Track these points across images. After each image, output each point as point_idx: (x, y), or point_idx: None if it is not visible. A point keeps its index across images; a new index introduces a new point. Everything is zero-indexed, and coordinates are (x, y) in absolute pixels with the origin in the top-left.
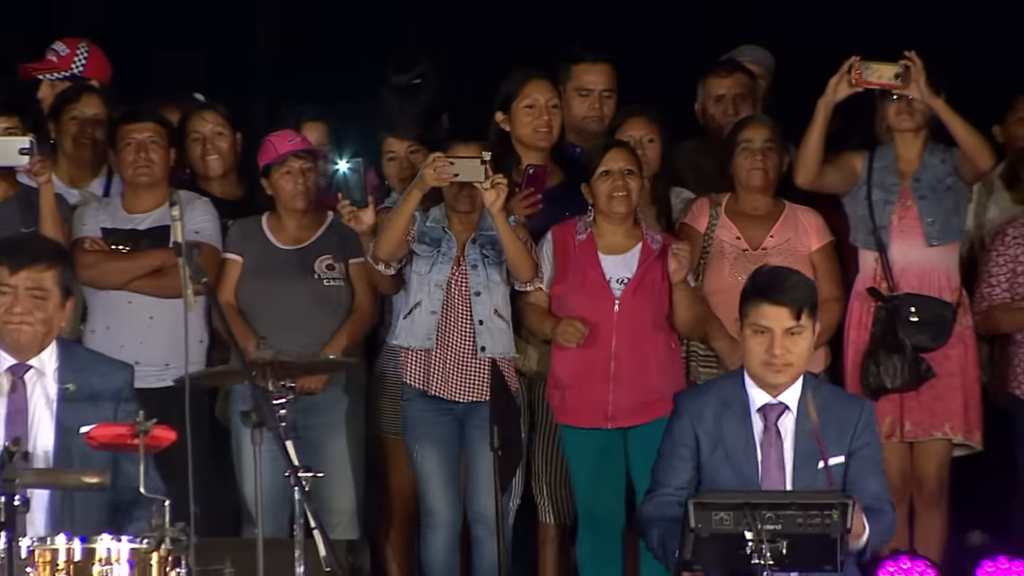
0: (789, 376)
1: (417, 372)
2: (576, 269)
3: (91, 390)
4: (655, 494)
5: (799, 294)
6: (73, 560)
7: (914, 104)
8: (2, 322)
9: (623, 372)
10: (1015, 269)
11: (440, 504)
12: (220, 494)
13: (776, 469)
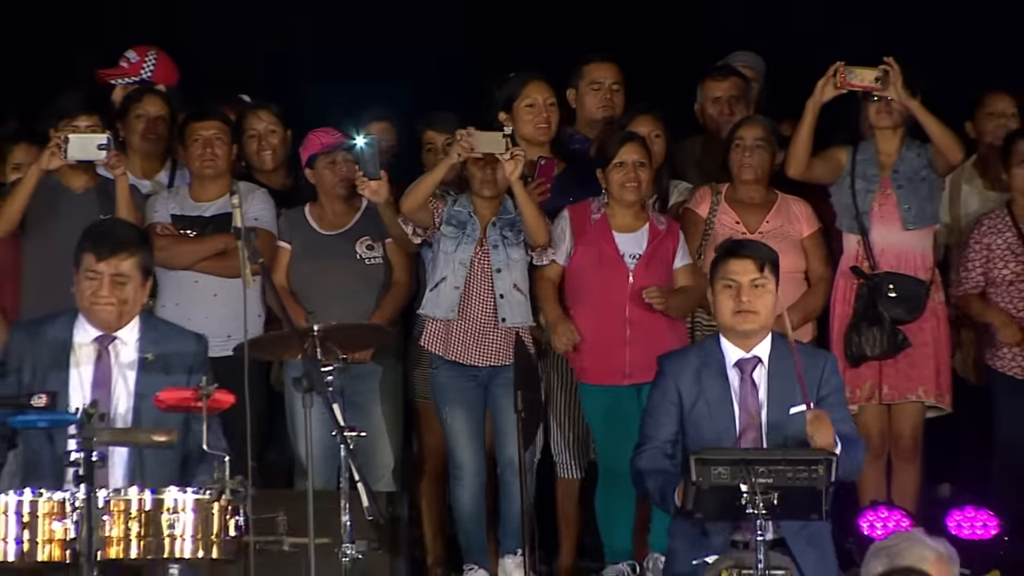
0: (756, 324)
1: (437, 340)
2: (592, 244)
3: (167, 359)
4: (645, 448)
5: (760, 251)
6: (144, 509)
7: (892, 104)
8: (89, 302)
9: (637, 335)
10: (989, 256)
11: (467, 459)
12: (274, 451)
13: (752, 417)
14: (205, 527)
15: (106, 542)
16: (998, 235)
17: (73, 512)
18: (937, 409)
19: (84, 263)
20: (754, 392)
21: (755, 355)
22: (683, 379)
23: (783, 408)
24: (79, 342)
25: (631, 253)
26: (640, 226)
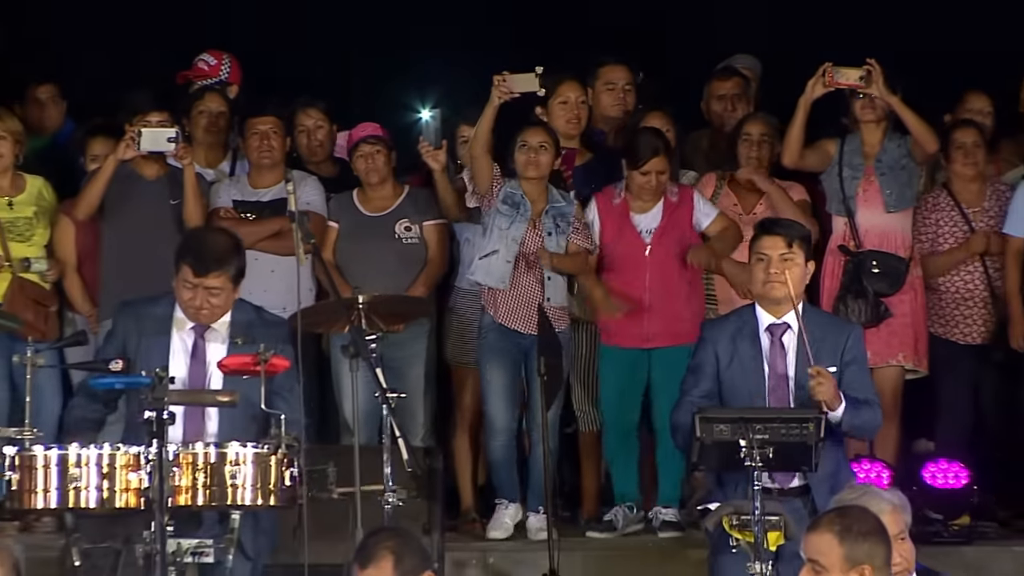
0: (784, 292)
1: (492, 304)
2: (615, 224)
3: (254, 342)
4: (682, 401)
5: (791, 229)
6: (209, 462)
7: (875, 101)
8: (186, 305)
9: (655, 302)
10: (936, 232)
11: (500, 414)
12: (324, 411)
13: (781, 375)
14: (263, 477)
15: (176, 491)
16: (941, 212)
17: (147, 464)
18: (915, 372)
19: (182, 273)
20: (782, 354)
21: (785, 321)
22: (720, 343)
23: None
24: (178, 320)
25: (647, 228)
26: (656, 204)
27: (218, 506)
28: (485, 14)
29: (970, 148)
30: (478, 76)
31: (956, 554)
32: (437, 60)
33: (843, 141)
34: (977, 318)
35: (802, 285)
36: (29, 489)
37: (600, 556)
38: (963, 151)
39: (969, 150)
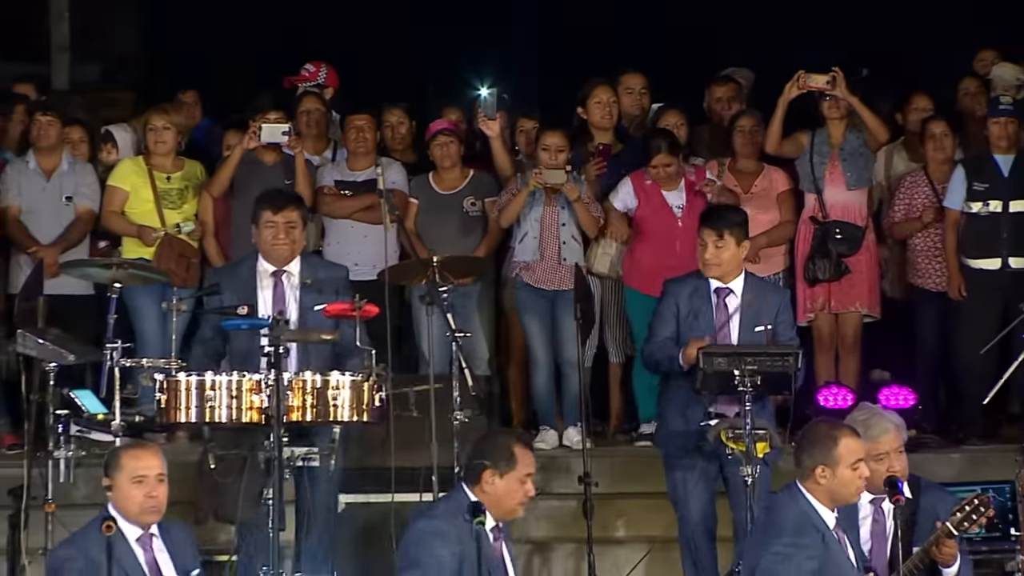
0: (717, 272)
1: (523, 269)
2: (649, 201)
3: (320, 283)
4: (653, 339)
5: (722, 222)
6: (315, 387)
7: (839, 101)
8: (270, 245)
9: (682, 263)
10: (910, 204)
11: (540, 354)
12: (406, 347)
13: (725, 328)
14: (358, 399)
15: (289, 409)
16: (917, 189)
17: (266, 388)
18: (871, 317)
19: (263, 217)
20: (725, 312)
21: (729, 287)
22: (681, 297)
23: (750, 324)
24: (262, 272)
25: (676, 204)
26: (678, 184)
27: (322, 422)
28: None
29: (939, 137)
30: (531, 67)
31: None
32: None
33: (813, 134)
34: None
35: (735, 262)
36: (174, 407)
37: (623, 461)
38: (934, 140)
39: (939, 139)
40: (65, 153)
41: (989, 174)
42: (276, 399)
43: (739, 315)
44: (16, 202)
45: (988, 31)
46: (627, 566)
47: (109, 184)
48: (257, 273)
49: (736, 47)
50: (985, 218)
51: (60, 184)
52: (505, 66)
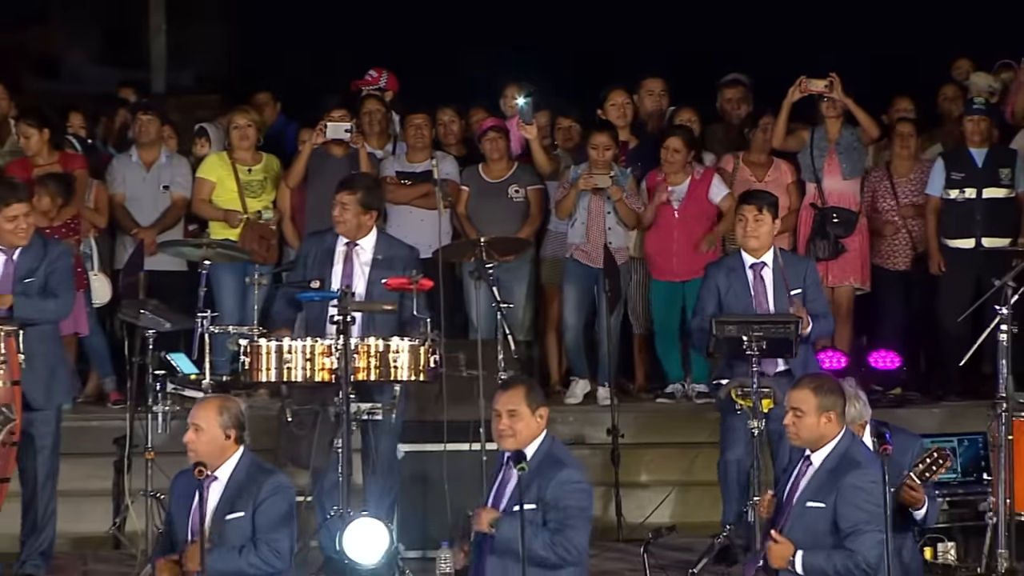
0: (756, 245)
1: (573, 248)
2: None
3: (391, 260)
4: (697, 316)
5: (763, 200)
6: (378, 350)
7: (836, 102)
8: (337, 222)
9: (680, 249)
10: (875, 194)
11: (572, 318)
12: (457, 315)
13: (763, 298)
14: (415, 361)
15: (355, 370)
16: (879, 182)
17: (335, 352)
18: (861, 290)
19: (334, 198)
20: (762, 284)
21: (762, 261)
22: (720, 277)
23: (781, 290)
24: (339, 246)
25: (678, 197)
26: (685, 179)
27: (384, 381)
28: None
29: (906, 136)
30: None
31: (891, 414)
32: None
33: (813, 130)
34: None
35: (770, 237)
36: (256, 368)
37: (646, 416)
38: (901, 138)
39: (905, 138)
40: (163, 147)
41: (965, 165)
42: (344, 361)
43: (773, 284)
44: (120, 190)
45: (965, 41)
46: (650, 507)
47: (198, 176)
48: (335, 246)
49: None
50: (961, 203)
51: (158, 175)
52: (547, 72)
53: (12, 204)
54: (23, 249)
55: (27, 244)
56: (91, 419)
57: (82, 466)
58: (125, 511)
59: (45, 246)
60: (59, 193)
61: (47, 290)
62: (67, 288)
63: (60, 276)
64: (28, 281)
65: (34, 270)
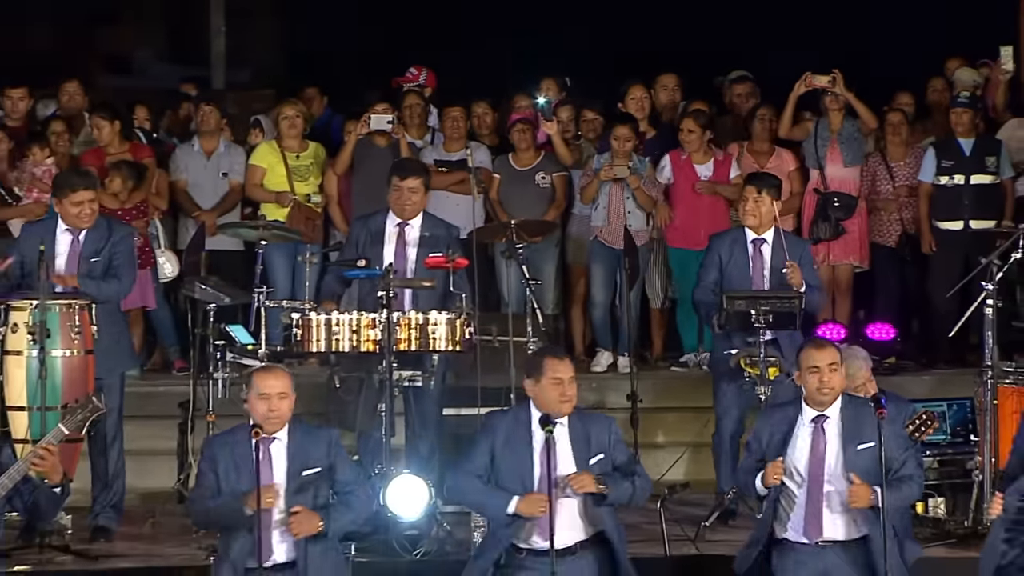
0: (754, 223)
1: (596, 230)
2: (682, 171)
3: (436, 238)
4: (700, 286)
5: (763, 182)
6: (418, 323)
7: (838, 96)
8: (396, 205)
9: (707, 222)
10: (875, 177)
11: (599, 296)
12: (490, 291)
13: (759, 272)
14: (452, 332)
15: (397, 341)
16: (878, 166)
17: (379, 324)
18: (860, 267)
19: (392, 181)
20: (760, 258)
21: (762, 237)
22: (723, 248)
23: (779, 265)
24: (389, 227)
25: (704, 175)
26: (709, 159)
27: (424, 351)
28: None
29: (897, 126)
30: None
31: (887, 382)
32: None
33: (817, 122)
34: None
35: (769, 216)
36: (307, 339)
37: (663, 383)
38: (892, 127)
39: (896, 127)
40: (221, 138)
41: (954, 154)
42: (387, 333)
43: (771, 260)
44: (183, 177)
45: (954, 40)
46: (666, 465)
47: (250, 163)
48: (385, 226)
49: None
50: (951, 189)
51: (218, 163)
52: (573, 68)
53: (79, 191)
54: (89, 231)
55: (92, 226)
56: (158, 385)
57: (149, 428)
58: (188, 468)
59: (110, 228)
60: (130, 178)
61: (110, 270)
62: (128, 269)
63: (123, 257)
64: (93, 260)
65: (99, 250)
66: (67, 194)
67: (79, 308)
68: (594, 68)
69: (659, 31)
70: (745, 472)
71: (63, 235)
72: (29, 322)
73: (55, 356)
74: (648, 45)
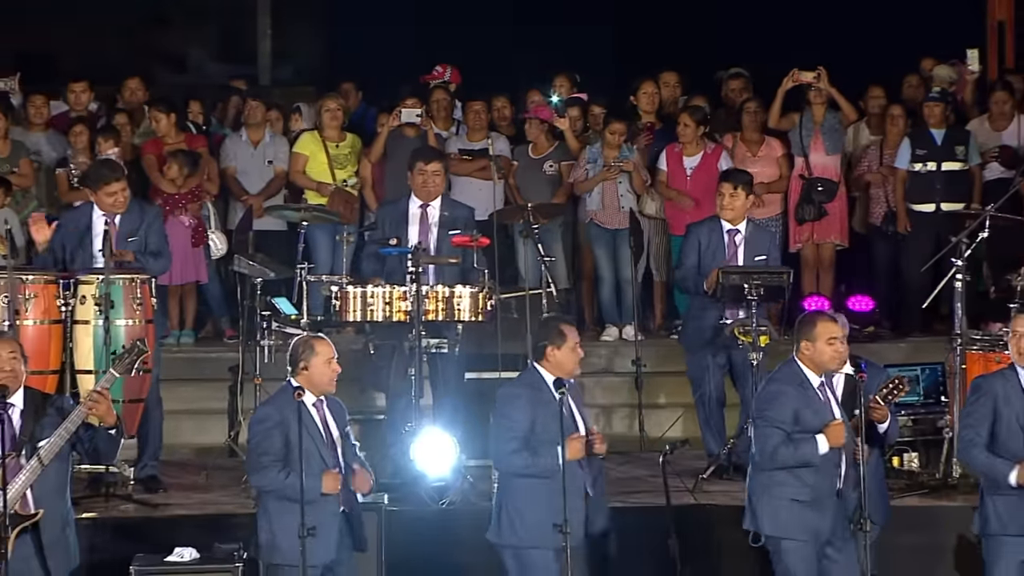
0: (731, 216)
1: (592, 213)
2: (674, 163)
3: (454, 218)
4: (682, 267)
5: (737, 178)
6: (444, 296)
7: (822, 91)
8: (420, 189)
9: (694, 209)
10: (869, 165)
11: (606, 273)
12: (508, 267)
13: (734, 259)
14: (475, 305)
15: (425, 312)
16: (874, 152)
17: (409, 297)
18: (841, 245)
19: (417, 166)
20: (735, 246)
21: (737, 228)
22: (702, 234)
23: (751, 255)
24: (412, 208)
25: (690, 167)
26: (699, 152)
27: (449, 321)
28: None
29: (896, 118)
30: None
31: (866, 349)
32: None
33: (802, 114)
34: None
35: (743, 209)
36: (344, 310)
37: (664, 349)
38: (892, 119)
39: (896, 119)
40: (267, 129)
41: (926, 143)
42: (416, 305)
43: (743, 248)
44: (232, 164)
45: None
46: (667, 424)
47: (294, 151)
48: (409, 209)
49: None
50: (924, 175)
51: (263, 152)
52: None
53: (111, 183)
54: (124, 215)
55: (126, 211)
56: (210, 351)
57: (203, 389)
58: (238, 426)
59: (142, 210)
60: (185, 166)
61: (149, 248)
62: (165, 246)
63: (157, 235)
64: (131, 240)
65: (135, 230)
66: (101, 186)
67: (140, 282)
68: (602, 65)
69: (664, 30)
70: (688, 277)
71: (99, 219)
72: (95, 294)
73: (118, 325)
74: (653, 43)
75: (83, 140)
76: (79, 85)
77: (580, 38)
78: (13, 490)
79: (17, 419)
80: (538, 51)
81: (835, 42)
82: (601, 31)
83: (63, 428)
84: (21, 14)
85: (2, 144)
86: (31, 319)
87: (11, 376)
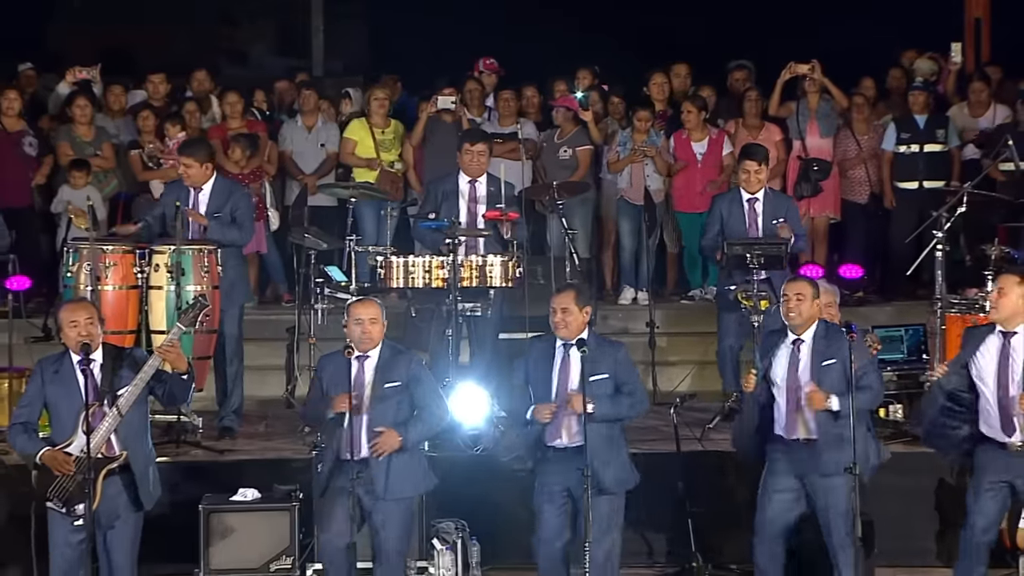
0: (758, 188)
1: (626, 192)
2: (682, 149)
3: (497, 192)
4: (706, 235)
5: (759, 154)
6: (478, 264)
7: (816, 81)
8: (468, 166)
9: (702, 189)
10: (846, 148)
11: (627, 242)
12: (535, 238)
13: (754, 225)
14: (505, 272)
15: (461, 279)
16: (847, 138)
17: (447, 265)
18: (834, 219)
19: (464, 147)
20: (754, 213)
21: (755, 196)
22: (724, 205)
23: (769, 220)
24: (461, 184)
25: (699, 152)
26: (704, 137)
27: (483, 286)
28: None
29: (860, 106)
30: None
31: (855, 313)
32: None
33: (799, 103)
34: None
35: (765, 181)
36: (388, 278)
37: (675, 312)
38: (858, 107)
39: (860, 107)
40: (320, 115)
41: (910, 127)
42: (453, 272)
43: (762, 215)
44: (289, 147)
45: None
46: (677, 380)
47: (344, 136)
48: (458, 186)
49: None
50: (908, 156)
51: (317, 136)
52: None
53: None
54: (212, 190)
55: (215, 187)
56: (270, 314)
57: (263, 347)
58: (295, 380)
59: (230, 189)
60: (247, 148)
61: (235, 221)
62: (249, 221)
63: (243, 211)
64: (217, 215)
65: (221, 206)
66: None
67: (208, 251)
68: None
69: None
70: (707, 246)
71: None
72: (168, 263)
73: (188, 290)
74: (666, 36)
75: (150, 124)
76: (157, 77)
77: (602, 30)
78: (98, 436)
79: (98, 372)
80: (561, 44)
81: (827, 38)
82: (624, 26)
83: (139, 377)
84: (104, 12)
85: (87, 129)
86: (111, 285)
87: (88, 339)
